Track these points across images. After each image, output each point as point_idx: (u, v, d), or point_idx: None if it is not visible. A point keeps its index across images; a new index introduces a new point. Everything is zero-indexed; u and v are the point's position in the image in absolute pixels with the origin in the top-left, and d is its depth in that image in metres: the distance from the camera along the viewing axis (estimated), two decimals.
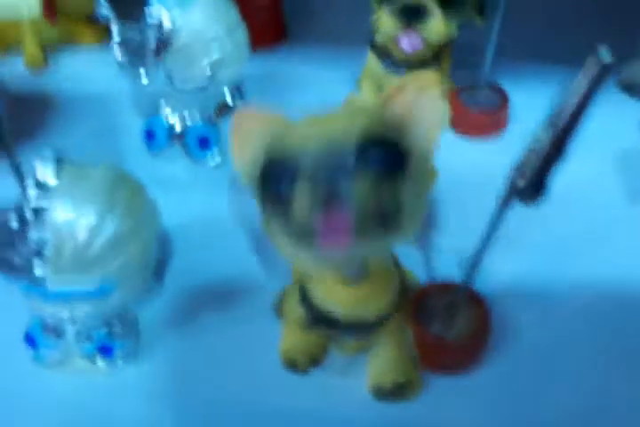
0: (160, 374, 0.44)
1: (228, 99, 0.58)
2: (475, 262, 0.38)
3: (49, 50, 0.68)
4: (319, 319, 0.39)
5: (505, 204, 0.35)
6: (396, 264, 0.40)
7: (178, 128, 0.56)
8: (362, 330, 0.39)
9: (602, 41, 0.70)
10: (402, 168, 0.30)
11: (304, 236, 0.29)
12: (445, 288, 0.44)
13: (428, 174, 0.34)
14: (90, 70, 0.66)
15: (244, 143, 0.34)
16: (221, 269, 0.50)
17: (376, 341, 0.41)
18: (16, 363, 0.44)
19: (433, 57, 0.58)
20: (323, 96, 0.65)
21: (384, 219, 0.30)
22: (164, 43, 0.49)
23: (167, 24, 0.49)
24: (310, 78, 0.67)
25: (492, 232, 0.37)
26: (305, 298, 0.39)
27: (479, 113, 0.60)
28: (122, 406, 0.42)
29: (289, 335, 0.43)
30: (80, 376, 0.43)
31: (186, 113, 0.56)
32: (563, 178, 0.55)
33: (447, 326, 0.43)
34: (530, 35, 0.74)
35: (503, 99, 0.61)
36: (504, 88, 0.62)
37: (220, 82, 0.53)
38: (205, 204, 0.55)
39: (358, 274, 0.36)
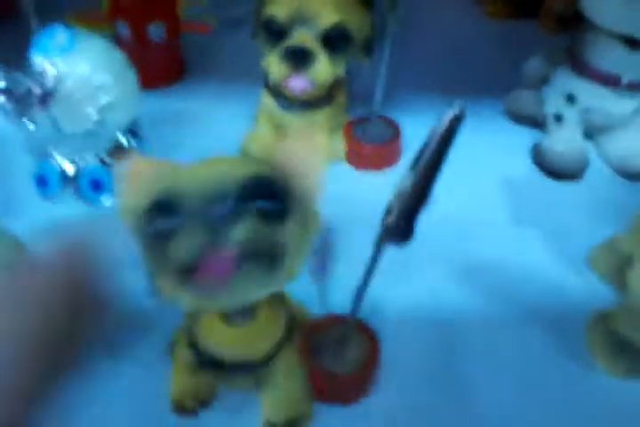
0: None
1: (122, 140, 0.58)
2: (359, 295, 0.39)
3: None
4: (206, 362, 0.39)
5: (379, 242, 0.36)
6: (284, 301, 0.41)
7: (70, 172, 0.55)
8: (249, 369, 0.40)
9: (492, 72, 0.74)
10: (283, 211, 0.32)
11: (184, 275, 0.30)
12: (336, 321, 0.45)
13: (312, 219, 0.35)
14: None
15: (132, 186, 0.34)
16: (117, 311, 0.50)
17: (267, 377, 0.42)
18: None
19: (325, 95, 0.60)
20: (221, 133, 0.66)
21: (264, 260, 0.31)
22: (48, 90, 0.49)
23: (51, 72, 0.48)
24: (208, 115, 0.68)
25: (371, 268, 0.38)
26: (191, 341, 0.39)
27: (371, 146, 0.62)
28: None
29: (177, 378, 0.43)
30: None
31: (77, 156, 0.55)
32: (451, 202, 0.59)
33: (338, 358, 0.43)
34: (423, 66, 0.77)
35: (395, 132, 0.63)
36: (396, 121, 0.64)
37: (110, 126, 0.52)
38: (101, 246, 0.54)
39: (243, 315, 0.37)
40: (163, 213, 0.31)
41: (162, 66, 0.70)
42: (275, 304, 0.39)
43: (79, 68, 0.49)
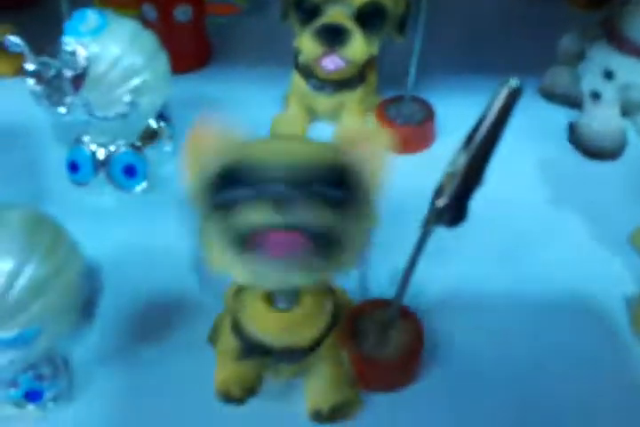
0: (97, 413, 0.43)
1: (153, 124, 0.57)
2: (404, 280, 0.39)
3: None
4: (251, 348, 0.39)
5: (427, 225, 0.35)
6: (330, 287, 0.40)
7: (102, 157, 0.55)
8: (296, 355, 0.39)
9: (524, 51, 0.73)
10: (348, 200, 0.31)
11: (243, 246, 0.30)
12: (378, 305, 0.44)
13: (373, 210, 0.35)
14: (7, 102, 0.64)
15: (199, 156, 0.33)
16: (155, 300, 0.49)
17: (311, 364, 0.41)
18: None
19: (357, 75, 0.59)
20: (250, 116, 0.64)
21: (323, 244, 0.30)
22: (79, 73, 0.48)
23: (82, 53, 0.48)
24: (237, 98, 0.66)
25: (418, 252, 0.37)
26: (236, 327, 0.39)
27: (405, 127, 0.61)
28: None
29: (222, 367, 0.43)
30: (11, 423, 0.42)
31: (110, 142, 0.55)
32: (489, 184, 0.57)
33: (381, 343, 0.43)
34: (454, 47, 0.75)
35: (429, 112, 0.62)
36: (429, 101, 0.63)
37: (142, 109, 0.51)
38: (134, 232, 0.54)
39: (288, 299, 0.36)
40: (231, 184, 0.30)
41: (189, 49, 0.69)
42: (321, 290, 0.38)
43: (110, 49, 0.48)
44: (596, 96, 0.62)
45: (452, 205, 0.33)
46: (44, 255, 0.36)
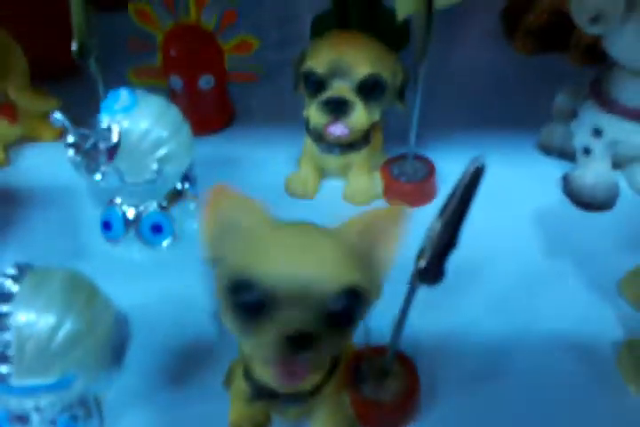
0: None
1: (178, 186, 0.63)
2: (397, 330, 0.43)
3: (10, 147, 0.73)
4: (260, 392, 0.43)
5: (413, 282, 0.40)
6: None
7: (131, 216, 0.61)
8: (300, 399, 0.43)
9: (522, 107, 0.77)
10: (359, 316, 0.36)
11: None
12: (377, 352, 0.48)
13: (378, 290, 0.38)
14: (49, 166, 0.71)
15: (216, 218, 0.37)
16: (178, 348, 0.54)
17: (315, 405, 0.45)
18: None
19: (362, 138, 0.64)
20: (267, 175, 0.71)
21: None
22: (113, 145, 0.54)
23: (116, 129, 0.54)
24: (255, 158, 0.73)
25: (407, 305, 0.41)
26: (247, 373, 0.43)
27: (408, 184, 0.66)
28: None
29: (235, 408, 0.47)
30: None
31: (139, 202, 0.61)
32: (485, 233, 0.62)
33: (379, 386, 0.47)
34: (453, 105, 0.81)
35: (430, 169, 0.67)
36: (431, 159, 0.68)
37: (167, 175, 0.58)
38: (161, 285, 0.59)
39: None
40: (244, 294, 0.34)
41: (212, 113, 0.76)
42: None
43: (140, 124, 0.55)
44: (587, 151, 0.66)
45: (431, 267, 0.38)
46: (81, 311, 0.41)
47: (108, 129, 0.54)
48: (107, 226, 0.62)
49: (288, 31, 0.95)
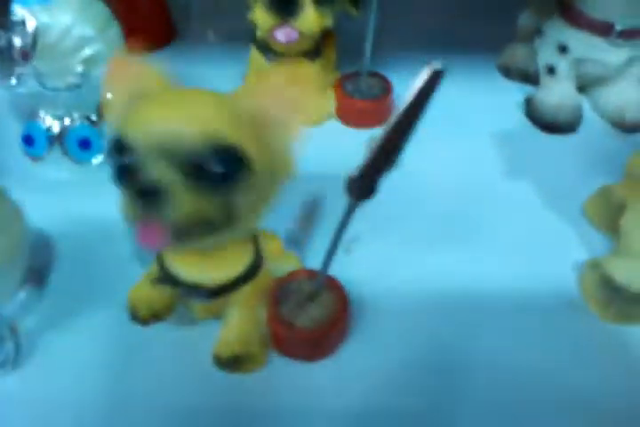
0: (42, 380, 0.43)
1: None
2: (330, 251, 0.39)
3: None
4: (165, 277, 0.40)
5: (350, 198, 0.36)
6: (255, 240, 0.41)
7: (56, 130, 0.55)
8: (201, 294, 0.40)
9: (482, 28, 0.73)
10: (237, 179, 0.32)
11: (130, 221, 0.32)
12: (308, 275, 0.45)
13: (283, 166, 0.35)
14: None
15: (115, 92, 0.36)
16: (107, 271, 0.50)
17: (225, 310, 0.43)
18: None
19: (314, 49, 0.59)
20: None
21: (208, 225, 0.32)
22: (29, 43, 0.48)
23: (31, 22, 0.48)
24: (199, 77, 0.66)
25: (344, 223, 0.36)
26: (159, 256, 0.41)
27: (361, 102, 0.61)
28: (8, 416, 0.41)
29: (139, 287, 0.44)
30: None
31: (65, 115, 0.55)
32: (439, 159, 0.58)
33: (303, 312, 0.43)
34: (410, 24, 0.76)
35: (386, 87, 0.62)
36: (387, 77, 0.63)
37: (94, 80, 0.52)
38: (88, 205, 0.54)
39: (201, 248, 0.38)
40: (120, 150, 0.32)
41: (150, 27, 0.69)
42: (243, 241, 0.40)
43: (60, 19, 0.48)
44: (551, 70, 0.62)
45: (361, 180, 0.33)
46: None
47: (23, 23, 0.47)
48: (28, 141, 0.56)
49: None
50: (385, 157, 0.32)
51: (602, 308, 0.47)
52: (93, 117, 0.56)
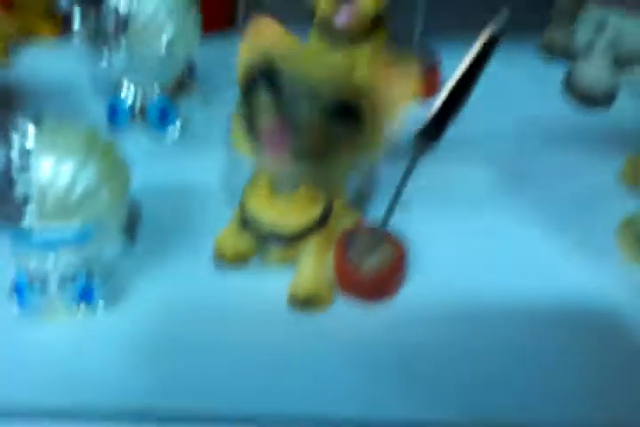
0: (134, 318, 0.48)
1: (183, 77, 0.63)
2: (391, 205, 0.45)
3: (9, 44, 0.73)
4: (247, 221, 0.47)
5: (414, 151, 0.41)
6: (327, 193, 0.47)
7: (138, 104, 0.61)
8: (279, 240, 0.47)
9: (525, 10, 0.77)
10: (350, 125, 0.39)
11: (256, 141, 0.39)
12: (371, 228, 0.50)
13: (377, 140, 0.41)
14: (50, 61, 0.71)
15: (252, 47, 0.42)
16: (191, 230, 0.55)
17: (298, 256, 0.49)
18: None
19: (369, 30, 0.64)
20: None
21: (320, 153, 0.38)
22: (121, 26, 0.54)
23: (123, 9, 0.54)
24: None
25: (406, 176, 0.43)
26: (242, 203, 0.47)
27: None
28: (105, 352, 0.46)
29: (226, 232, 0.50)
30: (63, 326, 0.47)
31: (145, 90, 0.61)
32: (491, 130, 0.63)
33: (365, 257, 0.49)
34: (460, 5, 0.80)
35: (434, 61, 0.68)
36: (436, 52, 0.69)
37: (174, 59, 0.58)
38: (169, 174, 0.60)
39: (287, 187, 0.44)
40: (257, 80, 0.38)
41: (214, 14, 0.75)
42: (317, 192, 0.46)
43: (147, 4, 0.55)
44: (589, 47, 0.67)
45: (431, 128, 0.39)
46: (99, 165, 0.42)
47: (116, 10, 0.54)
48: (112, 112, 0.62)
49: None
50: (449, 108, 0.38)
51: (635, 254, 0.52)
52: (171, 94, 0.62)
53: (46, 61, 0.72)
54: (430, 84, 0.67)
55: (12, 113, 0.64)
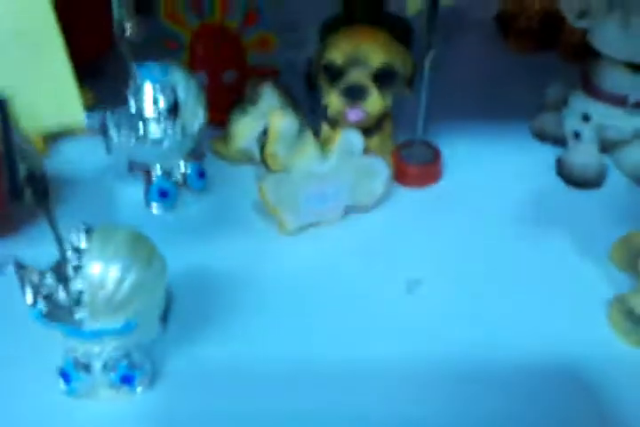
0: (173, 397, 0.53)
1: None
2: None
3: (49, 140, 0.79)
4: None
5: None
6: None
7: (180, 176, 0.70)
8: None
9: (517, 98, 0.85)
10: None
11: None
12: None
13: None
14: (85, 155, 0.77)
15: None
16: (219, 310, 0.61)
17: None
18: (47, 395, 0.52)
19: (376, 124, 0.71)
20: None
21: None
22: (174, 107, 0.63)
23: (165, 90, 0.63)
24: None
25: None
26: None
27: (415, 166, 0.73)
28: None
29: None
30: (106, 405, 0.52)
31: (167, 163, 0.69)
32: (488, 208, 0.69)
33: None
34: (458, 98, 0.88)
35: (436, 153, 0.74)
36: (437, 144, 0.75)
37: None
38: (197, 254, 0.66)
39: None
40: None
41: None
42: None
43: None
44: (576, 135, 0.73)
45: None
46: (143, 265, 0.48)
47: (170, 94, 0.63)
48: (163, 195, 0.69)
49: (298, 34, 1.01)
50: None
51: (626, 334, 0.56)
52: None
53: (82, 155, 0.78)
54: (433, 173, 0.74)
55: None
